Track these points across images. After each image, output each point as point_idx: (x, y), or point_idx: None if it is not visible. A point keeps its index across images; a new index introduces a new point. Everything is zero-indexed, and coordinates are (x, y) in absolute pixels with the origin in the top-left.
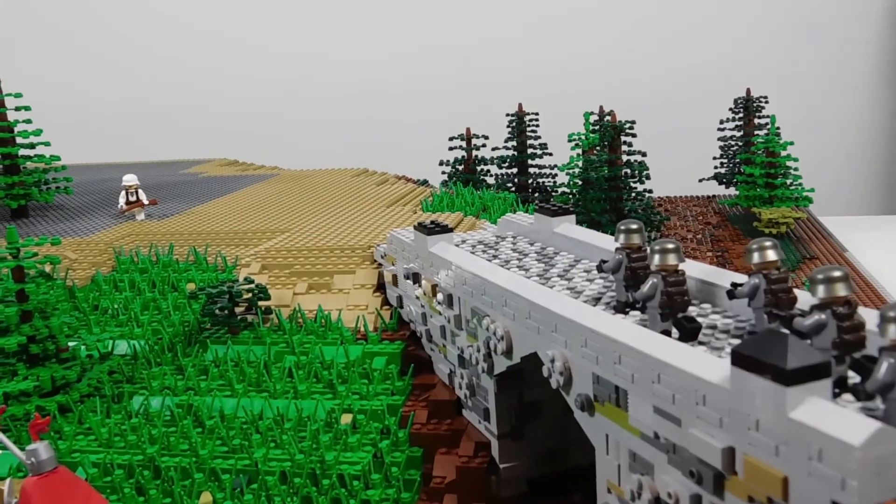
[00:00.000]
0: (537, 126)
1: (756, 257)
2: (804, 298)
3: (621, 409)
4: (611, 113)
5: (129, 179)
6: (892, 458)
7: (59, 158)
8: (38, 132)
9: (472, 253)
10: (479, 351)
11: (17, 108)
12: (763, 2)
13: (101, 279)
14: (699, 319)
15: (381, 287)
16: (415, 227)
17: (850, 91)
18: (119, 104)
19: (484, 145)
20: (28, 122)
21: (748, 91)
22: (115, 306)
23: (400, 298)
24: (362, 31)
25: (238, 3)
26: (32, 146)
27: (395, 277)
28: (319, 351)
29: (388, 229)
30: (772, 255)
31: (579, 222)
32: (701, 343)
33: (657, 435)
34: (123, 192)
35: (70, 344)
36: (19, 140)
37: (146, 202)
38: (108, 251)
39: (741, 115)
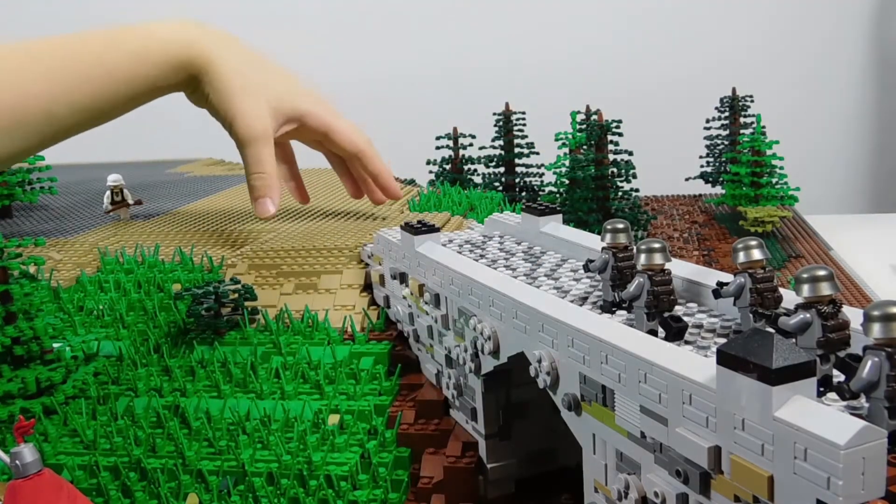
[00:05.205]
0: (524, 125)
1: (742, 257)
2: (789, 297)
3: (608, 408)
4: (597, 112)
5: (114, 179)
6: (877, 457)
7: (42, 158)
8: None
9: (459, 252)
10: (466, 351)
11: None
12: (749, 1)
13: (86, 280)
14: (685, 319)
15: (368, 287)
16: (402, 227)
17: (836, 90)
18: None
19: (471, 144)
20: None
21: (734, 90)
22: (101, 307)
23: (387, 298)
24: (348, 31)
25: (223, 2)
26: None
27: (381, 277)
28: (306, 351)
29: (375, 229)
30: (757, 255)
31: (566, 221)
32: (687, 342)
33: (644, 434)
34: (108, 192)
35: (55, 345)
36: None
37: (131, 202)
38: (93, 251)
39: (727, 113)
